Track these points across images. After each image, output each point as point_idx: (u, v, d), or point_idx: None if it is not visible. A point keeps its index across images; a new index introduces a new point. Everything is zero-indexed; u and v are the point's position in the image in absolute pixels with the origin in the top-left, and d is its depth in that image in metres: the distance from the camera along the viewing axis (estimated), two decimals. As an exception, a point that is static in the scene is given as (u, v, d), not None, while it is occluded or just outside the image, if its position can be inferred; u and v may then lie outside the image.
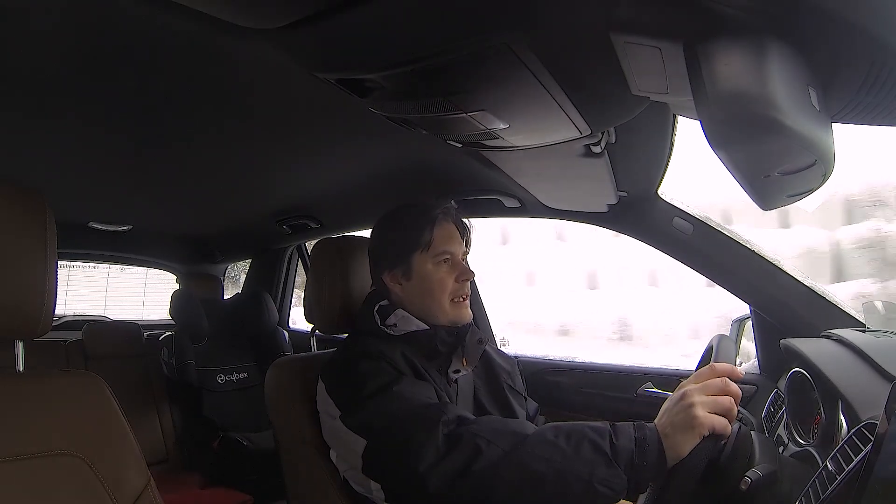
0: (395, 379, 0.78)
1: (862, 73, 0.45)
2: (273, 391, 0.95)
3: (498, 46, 0.56)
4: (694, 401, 0.64)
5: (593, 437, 0.65)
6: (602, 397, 1.40)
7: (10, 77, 0.81)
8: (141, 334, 2.15)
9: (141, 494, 0.65)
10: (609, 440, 0.65)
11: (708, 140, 0.48)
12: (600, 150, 0.88)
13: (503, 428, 0.70)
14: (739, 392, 0.65)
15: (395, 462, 0.72)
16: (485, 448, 0.67)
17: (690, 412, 0.63)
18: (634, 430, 0.66)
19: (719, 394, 0.64)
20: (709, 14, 0.44)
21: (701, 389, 0.65)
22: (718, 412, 0.63)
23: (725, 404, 0.64)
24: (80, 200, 1.65)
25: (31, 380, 0.65)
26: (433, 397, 0.80)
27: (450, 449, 0.68)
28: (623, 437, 0.65)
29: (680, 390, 0.67)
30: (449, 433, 0.69)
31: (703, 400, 0.64)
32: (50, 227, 0.63)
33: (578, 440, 0.65)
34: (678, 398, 0.66)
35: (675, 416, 0.65)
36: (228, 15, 0.57)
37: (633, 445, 0.64)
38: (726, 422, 0.63)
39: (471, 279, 0.92)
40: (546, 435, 0.67)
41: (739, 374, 0.67)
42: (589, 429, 0.67)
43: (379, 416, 0.75)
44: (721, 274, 1.20)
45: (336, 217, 1.78)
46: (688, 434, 0.63)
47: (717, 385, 0.65)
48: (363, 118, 0.84)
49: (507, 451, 0.66)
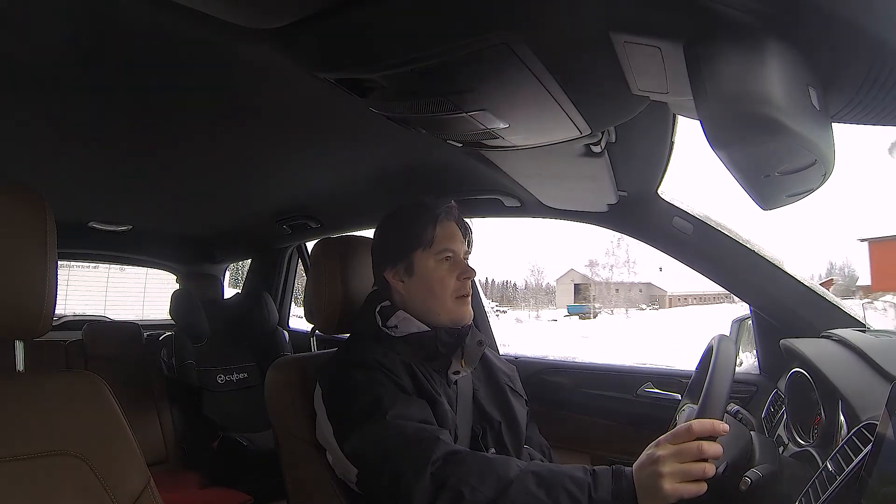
0: (388, 395, 0.78)
1: (862, 73, 0.45)
2: (273, 391, 0.95)
3: (498, 46, 0.56)
4: (663, 471, 0.63)
5: (571, 489, 0.66)
6: (602, 397, 1.40)
7: (10, 77, 0.81)
8: (141, 334, 2.15)
9: (141, 494, 0.65)
10: (588, 492, 0.66)
11: (708, 140, 0.48)
12: (600, 149, 0.88)
13: (488, 471, 0.70)
14: (719, 451, 0.64)
15: (385, 497, 0.74)
16: (468, 494, 0.67)
17: (658, 483, 0.63)
18: (612, 481, 0.66)
19: (694, 460, 0.63)
20: (709, 14, 0.44)
21: (674, 456, 0.64)
22: (690, 479, 0.63)
23: (696, 473, 0.63)
24: (80, 200, 1.65)
25: (31, 380, 0.65)
26: (428, 417, 0.79)
27: (437, 492, 0.69)
28: (601, 490, 0.66)
29: (654, 449, 0.67)
30: (435, 472, 0.70)
31: (672, 470, 0.63)
32: (50, 227, 0.63)
33: (557, 492, 0.66)
34: (650, 461, 0.65)
35: (645, 478, 0.65)
36: (228, 15, 0.57)
37: (609, 497, 0.65)
38: (698, 486, 0.63)
39: (472, 278, 0.93)
40: (527, 484, 0.68)
41: (722, 431, 0.65)
42: (569, 479, 0.67)
43: (371, 447, 0.76)
44: (721, 274, 1.20)
45: (336, 217, 1.78)
46: (655, 501, 0.63)
47: (691, 452, 0.64)
48: (363, 118, 0.84)
49: (490, 499, 0.67)
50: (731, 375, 0.73)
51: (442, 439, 0.74)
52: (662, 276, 26.94)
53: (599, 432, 1.37)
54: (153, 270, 2.85)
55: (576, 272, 29.90)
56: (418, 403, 0.80)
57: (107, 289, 3.80)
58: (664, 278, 26.73)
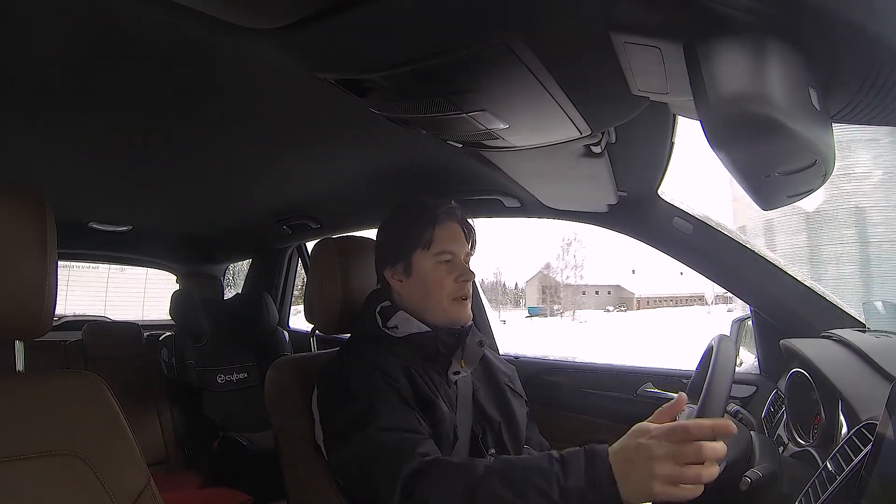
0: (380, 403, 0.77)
1: (862, 73, 0.45)
2: (273, 391, 0.95)
3: (498, 47, 0.56)
4: (656, 471, 0.58)
5: (539, 483, 0.63)
6: (602, 397, 1.40)
7: (10, 77, 0.81)
8: (141, 334, 2.15)
9: (141, 494, 0.65)
10: (556, 483, 0.62)
11: (708, 140, 0.48)
12: (600, 150, 0.88)
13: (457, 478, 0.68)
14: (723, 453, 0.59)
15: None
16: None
17: (648, 483, 0.58)
18: (585, 464, 0.63)
19: (692, 461, 0.58)
20: (709, 14, 0.44)
21: (671, 457, 0.58)
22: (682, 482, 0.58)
23: (690, 478, 0.58)
24: (80, 200, 1.65)
25: (31, 380, 0.65)
26: (413, 426, 0.78)
27: None
28: (572, 477, 0.62)
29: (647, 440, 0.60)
30: (405, 485, 0.69)
31: (667, 472, 0.58)
32: (50, 227, 0.63)
33: (525, 487, 0.63)
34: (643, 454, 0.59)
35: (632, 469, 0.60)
36: (229, 15, 0.57)
37: (583, 483, 0.61)
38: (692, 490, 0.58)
39: (470, 280, 0.93)
40: (494, 486, 0.65)
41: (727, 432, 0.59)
42: (535, 472, 0.64)
43: (352, 460, 0.77)
44: (721, 274, 1.20)
45: (336, 217, 1.78)
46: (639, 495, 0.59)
47: (689, 456, 0.58)
48: (363, 118, 0.84)
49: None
50: (731, 375, 0.73)
51: (419, 451, 0.72)
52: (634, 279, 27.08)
53: (599, 432, 1.37)
54: (153, 270, 2.85)
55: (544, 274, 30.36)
56: (408, 412, 0.79)
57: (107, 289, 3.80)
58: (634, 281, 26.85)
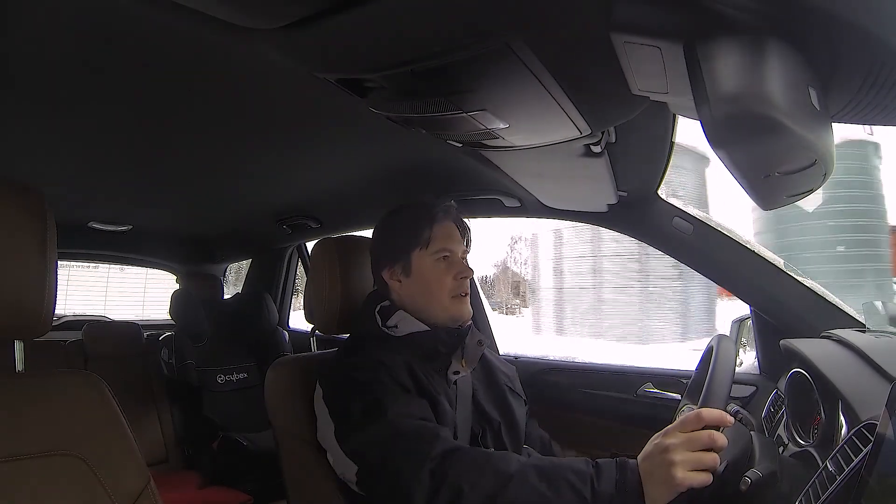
0: (389, 394, 0.78)
1: (862, 73, 0.45)
2: (273, 391, 0.95)
3: (498, 47, 0.56)
4: (675, 459, 0.62)
5: (574, 481, 0.65)
6: (602, 397, 1.40)
7: (10, 77, 0.81)
8: (141, 334, 2.15)
9: (140, 494, 0.65)
10: (591, 484, 0.64)
11: (708, 140, 0.48)
12: (600, 149, 0.88)
13: (487, 466, 0.69)
14: (726, 442, 0.64)
15: (385, 496, 0.73)
16: (468, 491, 0.66)
17: (670, 471, 0.62)
18: (616, 472, 0.65)
19: (705, 449, 0.63)
20: (709, 14, 0.44)
21: (685, 444, 0.63)
22: (700, 469, 0.62)
23: (708, 462, 0.62)
24: (80, 200, 1.65)
25: (31, 380, 0.65)
26: (428, 416, 0.79)
27: (436, 488, 0.68)
28: (604, 482, 0.64)
29: (663, 438, 0.65)
30: (434, 469, 0.69)
31: (684, 458, 0.62)
32: (50, 227, 0.63)
33: (559, 484, 0.65)
34: (660, 450, 0.64)
35: (655, 467, 0.64)
36: (228, 15, 0.57)
37: (613, 489, 0.64)
38: (707, 476, 0.62)
39: (469, 277, 0.93)
40: (528, 477, 0.66)
41: (729, 422, 0.65)
42: (571, 471, 0.66)
43: (371, 445, 0.75)
44: (721, 274, 1.20)
45: (336, 217, 1.78)
46: (665, 489, 0.62)
47: (702, 441, 0.63)
48: (363, 118, 0.84)
49: (490, 494, 0.66)
50: (731, 375, 0.73)
51: (441, 436, 0.74)
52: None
53: (599, 432, 1.37)
54: (153, 270, 2.85)
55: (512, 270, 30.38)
56: (419, 402, 0.80)
57: (107, 289, 3.80)
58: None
